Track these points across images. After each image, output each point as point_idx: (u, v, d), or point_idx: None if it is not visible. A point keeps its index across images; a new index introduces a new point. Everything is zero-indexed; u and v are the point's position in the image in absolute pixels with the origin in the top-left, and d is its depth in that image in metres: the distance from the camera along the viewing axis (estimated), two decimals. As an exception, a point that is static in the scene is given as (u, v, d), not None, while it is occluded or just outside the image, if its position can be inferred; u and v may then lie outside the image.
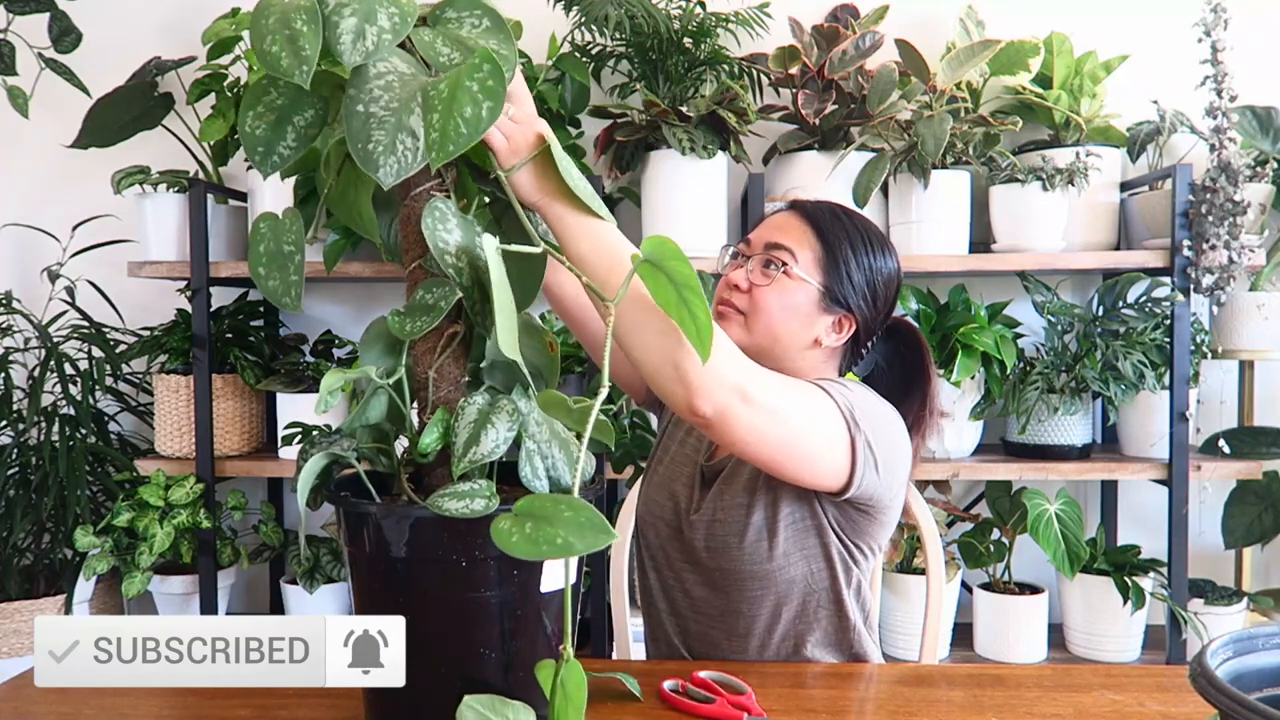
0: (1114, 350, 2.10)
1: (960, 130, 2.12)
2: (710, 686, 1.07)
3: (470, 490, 0.85)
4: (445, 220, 0.88)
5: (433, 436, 0.89)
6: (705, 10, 2.20)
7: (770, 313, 1.22)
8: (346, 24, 0.81)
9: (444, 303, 0.88)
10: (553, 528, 0.76)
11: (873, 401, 1.17)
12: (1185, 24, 2.15)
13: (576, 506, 0.77)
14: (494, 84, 0.80)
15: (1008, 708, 1.05)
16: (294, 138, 0.88)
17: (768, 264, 1.23)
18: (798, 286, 1.22)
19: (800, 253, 1.22)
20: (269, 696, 1.08)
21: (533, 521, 0.77)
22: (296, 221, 0.91)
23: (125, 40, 2.50)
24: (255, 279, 0.90)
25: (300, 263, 0.89)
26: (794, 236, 1.23)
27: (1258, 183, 2.18)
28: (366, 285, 2.55)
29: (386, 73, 0.83)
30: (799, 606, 1.23)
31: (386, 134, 0.81)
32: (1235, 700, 0.59)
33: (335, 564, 2.28)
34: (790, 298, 1.22)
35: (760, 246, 1.24)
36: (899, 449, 1.18)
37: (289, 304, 0.89)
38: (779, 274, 1.22)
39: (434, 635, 0.87)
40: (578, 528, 0.76)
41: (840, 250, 1.23)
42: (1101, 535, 2.28)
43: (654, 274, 0.88)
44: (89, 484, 2.34)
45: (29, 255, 2.54)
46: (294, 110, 0.89)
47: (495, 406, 0.88)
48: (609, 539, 0.76)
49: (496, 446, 0.86)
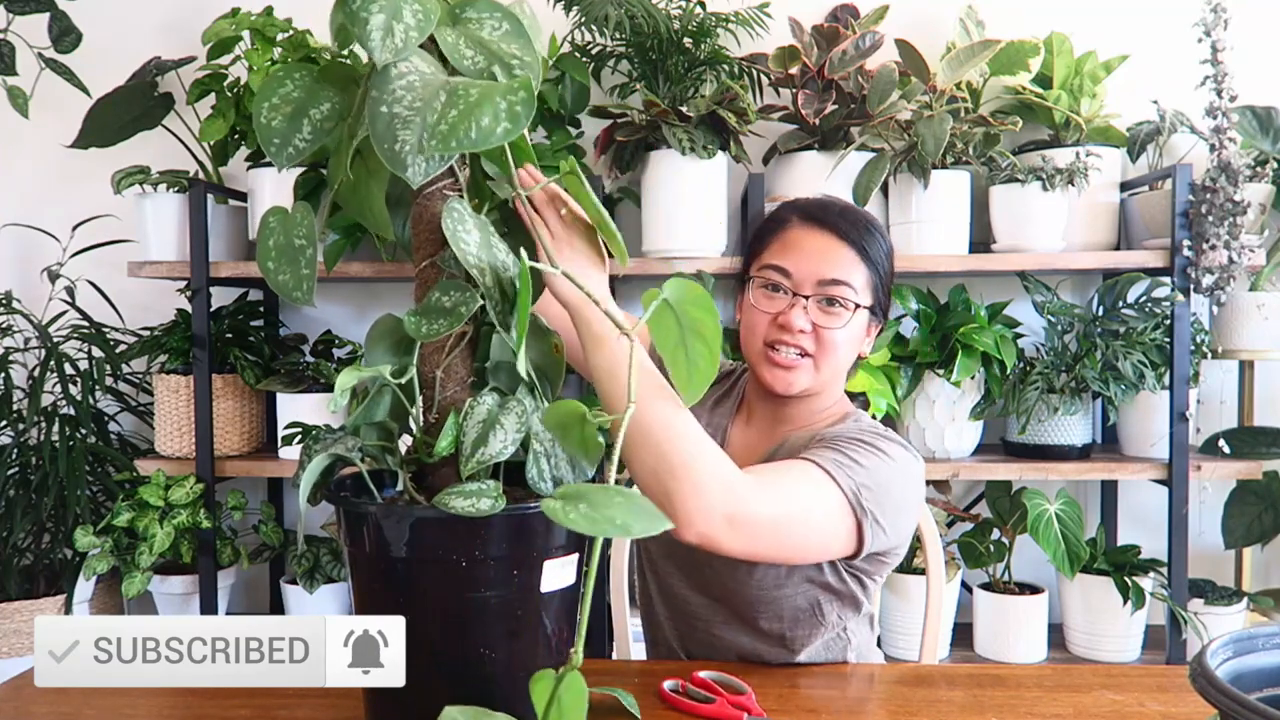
0: (1114, 350, 2.10)
1: (960, 130, 2.12)
2: (710, 686, 1.07)
3: (478, 489, 0.85)
4: (464, 221, 0.88)
5: (446, 441, 0.88)
6: (705, 10, 2.20)
7: (840, 352, 1.21)
8: (375, 20, 0.80)
9: (464, 308, 0.87)
10: (610, 510, 0.74)
11: (881, 463, 1.13)
12: (1185, 24, 2.15)
13: (627, 494, 0.76)
14: (521, 110, 0.79)
15: (1008, 708, 1.05)
16: (310, 130, 0.87)
17: (830, 301, 1.19)
18: (858, 317, 1.21)
19: (855, 282, 1.20)
20: (269, 696, 1.08)
21: (586, 503, 0.75)
22: (308, 215, 0.89)
23: (125, 40, 2.50)
24: (265, 274, 0.88)
25: (312, 256, 0.88)
26: (846, 268, 1.20)
27: (1258, 183, 2.18)
28: (367, 285, 2.55)
29: (408, 73, 0.83)
30: (806, 630, 1.23)
31: (412, 134, 0.80)
32: (1235, 700, 0.59)
33: (335, 564, 2.28)
34: (855, 332, 1.21)
35: (812, 281, 1.19)
36: (909, 503, 1.17)
37: (301, 298, 0.87)
38: (845, 312, 1.19)
39: (434, 635, 0.87)
40: (633, 512, 0.74)
41: (882, 269, 1.23)
42: (1101, 535, 2.28)
43: (665, 313, 0.87)
44: (89, 484, 2.34)
45: (29, 255, 2.54)
46: (311, 103, 0.87)
47: (504, 407, 0.88)
48: (664, 525, 0.74)
49: (505, 447, 0.86)
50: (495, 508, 0.83)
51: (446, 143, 0.78)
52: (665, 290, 0.87)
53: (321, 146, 0.90)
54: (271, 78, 0.88)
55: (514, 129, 0.79)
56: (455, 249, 0.86)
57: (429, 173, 0.81)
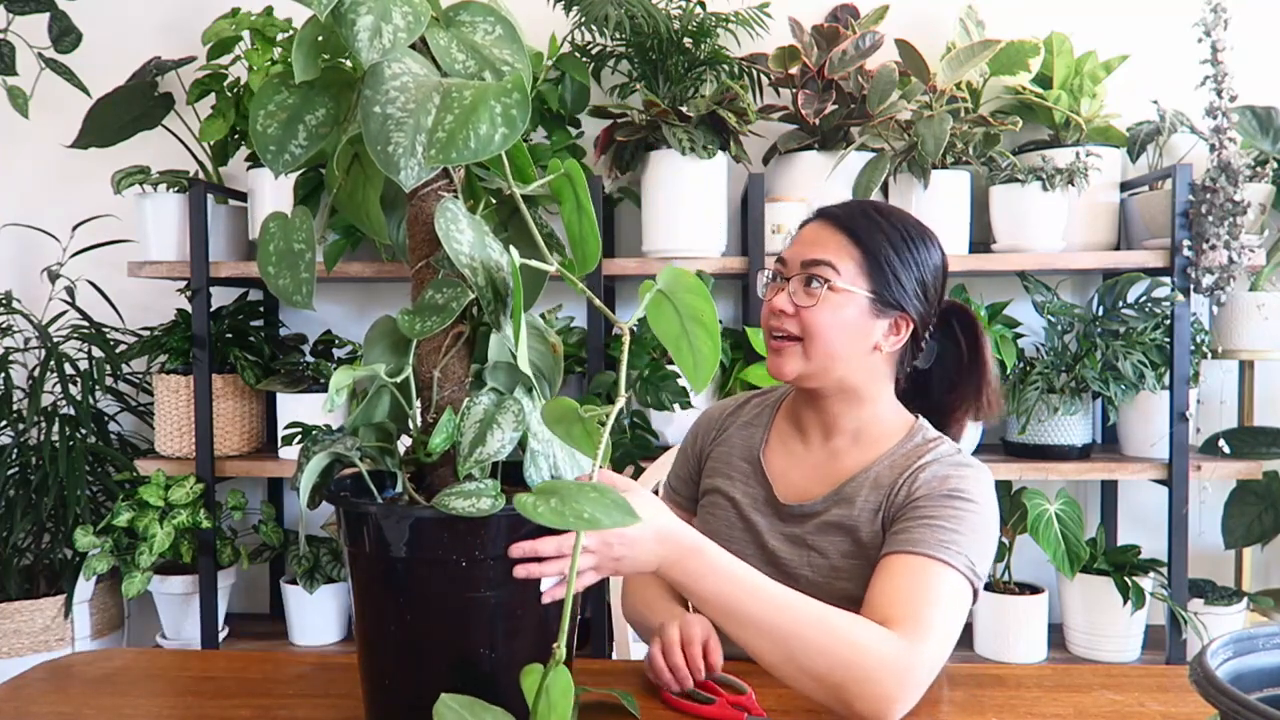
0: (1114, 350, 2.10)
1: (960, 130, 2.12)
2: (710, 687, 1.07)
3: (477, 489, 0.85)
4: (457, 221, 0.88)
5: (440, 438, 0.89)
6: (705, 10, 2.20)
7: (823, 332, 1.17)
8: (363, 21, 0.81)
9: (455, 304, 0.88)
10: (579, 504, 0.76)
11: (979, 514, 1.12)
12: (1185, 24, 2.15)
13: (601, 488, 0.78)
14: (517, 114, 0.79)
15: (1008, 708, 1.05)
16: (305, 136, 0.88)
17: (809, 281, 1.18)
18: (845, 299, 1.17)
19: (841, 264, 1.17)
20: (269, 696, 1.08)
21: (558, 498, 0.77)
22: (307, 220, 0.91)
23: (125, 40, 2.50)
24: (265, 278, 0.90)
25: (311, 260, 0.90)
26: (831, 249, 1.18)
27: (1258, 183, 2.18)
28: (367, 285, 2.55)
29: (401, 74, 0.83)
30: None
31: (406, 136, 0.80)
32: (1235, 700, 0.59)
33: (335, 564, 2.28)
34: (840, 313, 1.17)
35: (797, 265, 1.19)
36: (995, 539, 1.15)
37: (300, 302, 0.89)
38: (823, 290, 1.17)
39: (434, 635, 0.87)
40: (604, 507, 0.77)
41: (881, 252, 1.19)
42: (1101, 535, 2.28)
43: (661, 303, 0.88)
44: (89, 484, 2.34)
45: (29, 255, 2.54)
46: (306, 109, 0.88)
47: (501, 407, 0.89)
48: (633, 520, 0.77)
49: (502, 447, 0.86)
50: (495, 507, 0.83)
51: (446, 153, 0.79)
52: (660, 280, 0.87)
53: (319, 151, 0.90)
54: (267, 84, 0.88)
55: (511, 134, 0.79)
56: (448, 249, 0.86)
57: (421, 176, 0.81)
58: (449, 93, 0.81)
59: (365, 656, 0.93)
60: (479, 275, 0.88)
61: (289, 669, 1.18)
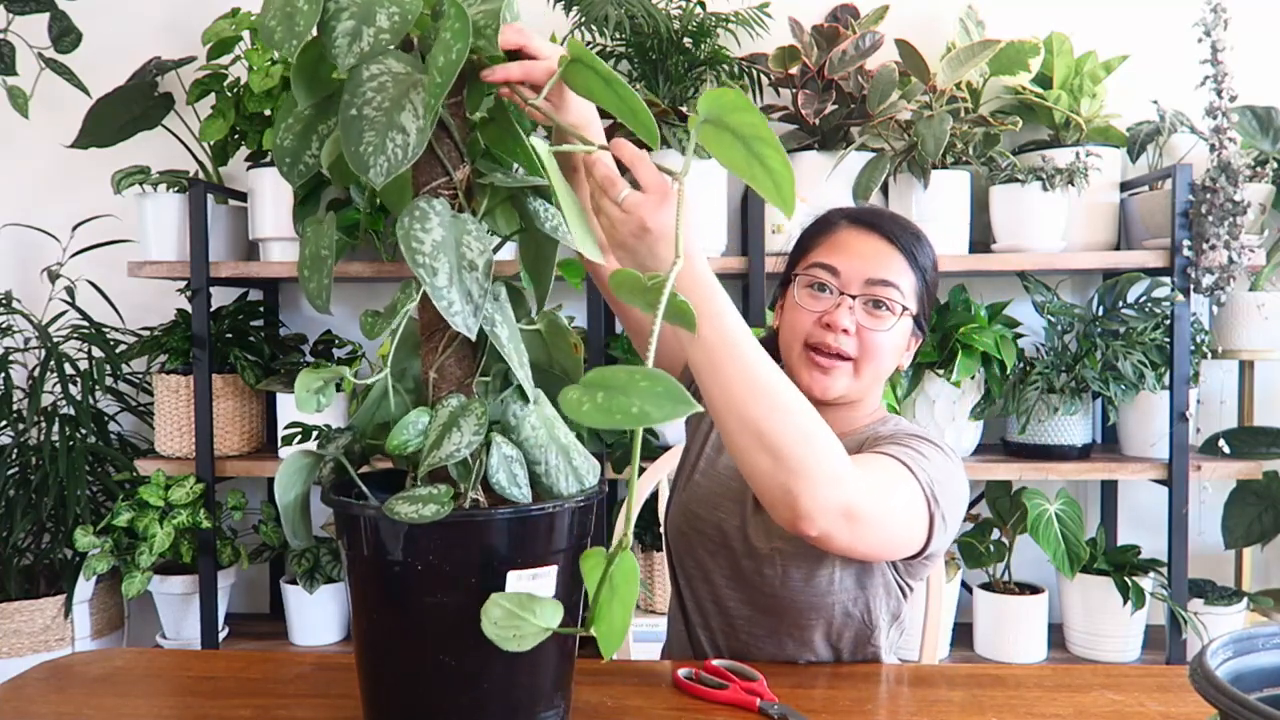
0: (1114, 350, 2.10)
1: (960, 130, 2.12)
2: (723, 674, 1.10)
3: (427, 494, 0.83)
4: (425, 219, 0.85)
5: (401, 438, 0.87)
6: (705, 10, 2.20)
7: (884, 356, 1.17)
8: (342, 27, 0.81)
9: (401, 306, 0.88)
10: (627, 397, 0.70)
11: (944, 460, 1.14)
12: (1185, 24, 2.15)
13: (653, 376, 0.71)
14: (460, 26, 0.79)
15: (1008, 708, 1.05)
16: (318, 146, 0.91)
17: (877, 304, 1.16)
18: (904, 323, 1.18)
19: (904, 286, 1.17)
20: (269, 696, 1.08)
21: (604, 391, 0.72)
22: (331, 227, 0.94)
23: (125, 40, 2.50)
24: (300, 279, 0.95)
25: (330, 266, 0.93)
26: (894, 269, 1.17)
27: (1258, 183, 2.18)
28: (367, 285, 2.55)
29: (380, 74, 0.83)
30: (849, 635, 1.22)
31: (377, 134, 0.81)
32: (1235, 700, 0.59)
33: (335, 564, 2.28)
34: (899, 338, 1.18)
35: (859, 281, 1.16)
36: (962, 502, 1.17)
37: (320, 306, 0.93)
38: (891, 315, 1.16)
39: (433, 635, 0.87)
40: (654, 397, 0.70)
41: (929, 277, 1.20)
42: (1101, 535, 2.28)
43: (717, 135, 0.82)
44: (89, 484, 2.34)
45: (29, 255, 2.54)
46: (319, 120, 0.91)
47: (466, 410, 0.87)
48: (690, 409, 0.70)
49: (457, 449, 0.84)
50: (439, 514, 0.82)
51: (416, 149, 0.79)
52: (701, 110, 0.81)
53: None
54: (289, 99, 0.90)
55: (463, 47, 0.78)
56: (403, 248, 0.83)
57: (390, 172, 0.81)
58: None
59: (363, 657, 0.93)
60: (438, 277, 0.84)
61: (289, 669, 1.18)
